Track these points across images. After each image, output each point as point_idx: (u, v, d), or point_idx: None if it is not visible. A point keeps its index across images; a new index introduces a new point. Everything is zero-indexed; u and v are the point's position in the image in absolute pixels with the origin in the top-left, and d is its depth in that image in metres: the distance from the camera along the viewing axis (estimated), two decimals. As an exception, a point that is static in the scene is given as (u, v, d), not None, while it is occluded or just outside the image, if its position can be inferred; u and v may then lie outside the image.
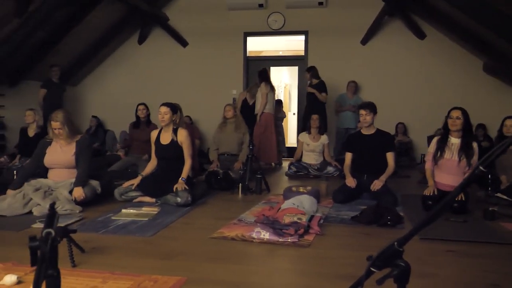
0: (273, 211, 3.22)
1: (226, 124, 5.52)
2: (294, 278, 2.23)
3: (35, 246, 1.03)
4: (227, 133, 5.45)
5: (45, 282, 1.05)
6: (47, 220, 1.05)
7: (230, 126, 5.48)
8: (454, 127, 3.71)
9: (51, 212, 1.07)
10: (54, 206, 3.24)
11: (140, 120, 5.76)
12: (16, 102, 7.29)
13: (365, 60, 7.79)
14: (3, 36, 6.15)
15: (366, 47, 7.82)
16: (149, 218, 3.32)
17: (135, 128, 5.80)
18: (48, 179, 3.78)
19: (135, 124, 5.82)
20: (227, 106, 5.61)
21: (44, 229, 1.04)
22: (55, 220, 1.06)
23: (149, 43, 8.55)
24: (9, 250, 2.58)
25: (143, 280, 2.10)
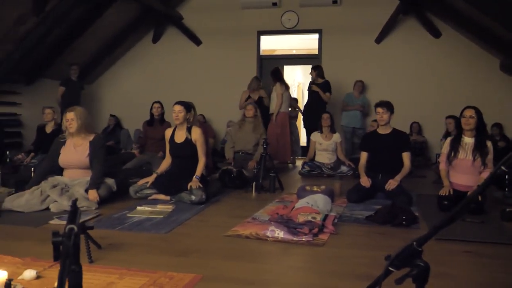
0: (287, 210, 3.22)
1: (244, 122, 5.52)
2: (308, 276, 2.23)
3: (58, 241, 1.05)
4: (245, 132, 5.46)
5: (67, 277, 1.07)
6: (69, 216, 1.07)
7: (249, 125, 5.47)
8: (467, 126, 3.68)
9: (73, 209, 1.09)
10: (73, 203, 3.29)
11: (154, 118, 5.80)
12: (33, 100, 7.40)
13: (379, 59, 7.73)
14: (20, 35, 6.25)
15: (380, 46, 7.76)
16: (164, 215, 3.35)
17: (149, 126, 5.85)
18: (64, 177, 3.83)
19: (149, 122, 5.87)
20: (249, 105, 5.60)
21: (67, 225, 1.06)
22: (78, 216, 1.08)
23: (163, 42, 8.60)
24: (28, 245, 2.63)
25: (159, 276, 2.12)
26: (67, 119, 3.77)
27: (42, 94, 7.48)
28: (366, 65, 7.74)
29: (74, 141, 3.83)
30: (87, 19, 7.14)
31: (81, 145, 3.80)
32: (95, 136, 3.88)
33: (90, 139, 3.82)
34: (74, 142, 3.83)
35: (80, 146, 3.80)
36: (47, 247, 2.54)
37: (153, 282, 2.05)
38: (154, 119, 5.81)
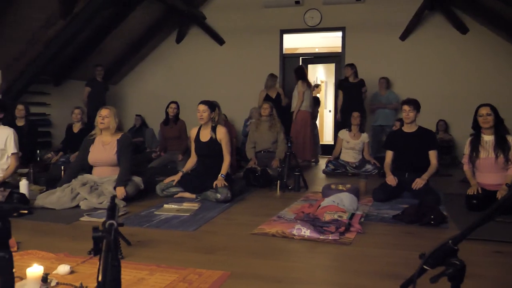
0: (313, 208, 3.22)
1: (261, 122, 5.53)
2: (336, 275, 2.23)
3: (98, 236, 1.08)
4: (262, 131, 5.47)
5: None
6: (109, 212, 1.11)
7: (265, 124, 5.48)
8: (486, 124, 3.61)
9: (112, 205, 1.12)
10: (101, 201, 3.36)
11: (169, 118, 5.89)
12: (61, 101, 7.59)
13: (404, 56, 7.62)
14: (49, 37, 6.40)
15: (405, 42, 7.65)
16: (190, 213, 3.39)
17: (165, 126, 5.96)
18: (93, 175, 3.92)
19: (165, 122, 5.98)
20: (265, 104, 5.62)
21: (106, 220, 1.10)
22: (116, 212, 1.11)
23: (186, 42, 8.68)
24: (61, 241, 2.71)
25: (188, 273, 2.15)
26: (101, 115, 3.87)
27: (70, 95, 7.66)
28: (390, 63, 7.64)
29: (102, 139, 3.93)
30: (112, 21, 7.27)
31: (109, 143, 3.89)
32: (123, 135, 3.97)
33: (117, 138, 3.91)
34: (102, 140, 3.92)
35: (108, 144, 3.89)
36: (79, 243, 2.63)
37: (183, 279, 2.08)
38: (169, 118, 5.90)
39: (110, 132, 3.92)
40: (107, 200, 3.56)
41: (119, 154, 3.86)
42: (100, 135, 3.95)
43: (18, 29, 6.12)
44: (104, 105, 6.68)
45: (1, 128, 3.69)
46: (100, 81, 7.54)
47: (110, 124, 3.88)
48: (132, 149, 4.06)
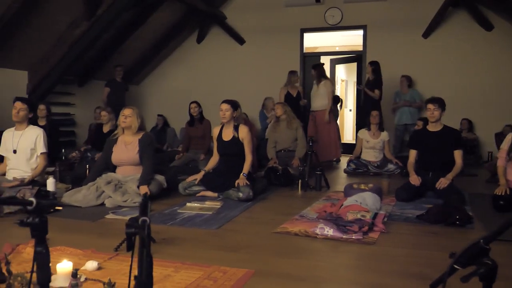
0: (335, 207, 3.20)
1: (278, 122, 5.53)
2: (360, 274, 2.21)
3: (131, 232, 1.11)
4: (281, 131, 5.46)
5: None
6: (141, 209, 1.13)
7: (283, 123, 5.47)
8: None
9: (145, 202, 1.15)
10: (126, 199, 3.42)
11: (194, 118, 5.94)
12: (85, 101, 7.74)
13: (427, 54, 7.50)
14: (74, 39, 6.53)
15: (428, 40, 7.53)
16: (212, 212, 3.42)
17: (190, 126, 6.01)
18: (117, 174, 3.99)
19: (189, 122, 6.02)
20: (276, 105, 5.63)
21: (139, 217, 1.12)
22: (148, 209, 1.13)
23: (207, 42, 8.74)
24: (88, 238, 2.77)
25: (212, 270, 2.17)
26: (124, 114, 3.94)
27: (93, 95, 7.80)
28: (413, 61, 7.53)
29: (125, 139, 3.99)
30: (135, 22, 7.38)
31: (131, 143, 3.96)
32: (144, 134, 4.03)
33: (139, 137, 3.97)
34: (125, 140, 3.99)
35: (130, 144, 3.96)
36: (106, 240, 2.68)
37: (208, 276, 2.11)
38: (194, 118, 5.95)
39: (132, 131, 3.98)
40: (131, 199, 3.63)
41: (141, 153, 3.92)
42: (123, 135, 4.02)
43: (45, 31, 6.27)
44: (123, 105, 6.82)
45: (31, 128, 3.79)
46: (119, 81, 7.64)
47: (132, 124, 3.94)
48: (154, 148, 4.12)
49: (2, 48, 6.04)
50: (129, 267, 2.21)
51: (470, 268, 1.14)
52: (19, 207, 3.28)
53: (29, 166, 3.73)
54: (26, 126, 3.79)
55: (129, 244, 1.13)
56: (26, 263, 2.28)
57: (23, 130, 3.77)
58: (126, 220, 3.04)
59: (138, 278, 0.96)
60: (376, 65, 6.70)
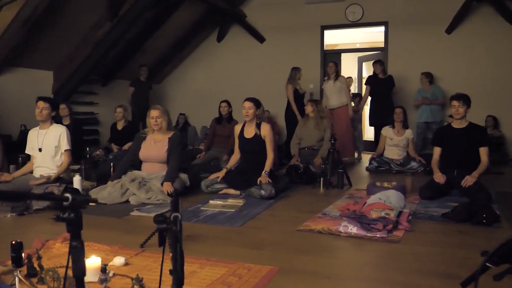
0: (359, 205, 3.19)
1: (308, 119, 5.51)
2: (386, 273, 2.20)
3: (163, 228, 1.13)
4: (308, 128, 5.44)
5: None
6: (173, 205, 1.16)
7: (312, 122, 5.45)
8: None
9: (176, 199, 1.17)
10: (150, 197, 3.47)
11: (222, 117, 5.97)
12: (108, 100, 7.86)
13: (450, 50, 7.36)
14: (97, 39, 6.64)
15: (451, 36, 7.38)
16: (235, 209, 3.44)
17: (217, 124, 6.04)
18: (141, 171, 4.06)
19: (217, 120, 6.05)
20: (308, 102, 5.60)
21: (172, 213, 1.14)
22: (180, 205, 1.15)
23: (227, 40, 8.77)
24: (114, 234, 2.82)
25: (237, 267, 2.19)
26: (153, 116, 4.00)
27: (116, 94, 7.92)
28: (435, 57, 7.40)
29: (154, 137, 4.07)
30: (156, 21, 7.46)
31: (160, 141, 4.03)
32: (174, 133, 4.10)
33: (169, 136, 4.03)
34: (154, 138, 4.07)
35: (160, 142, 4.02)
36: (131, 236, 2.73)
37: (233, 272, 2.12)
38: (223, 117, 5.98)
39: (163, 130, 4.06)
40: (154, 196, 3.68)
41: (169, 152, 3.98)
42: (152, 134, 4.09)
43: (69, 32, 6.41)
44: (147, 104, 6.91)
45: (54, 126, 3.87)
46: (143, 80, 7.74)
47: (163, 124, 4.03)
48: (181, 147, 4.18)
49: (28, 49, 6.19)
50: (155, 263, 2.26)
51: (502, 266, 1.13)
52: (47, 204, 3.37)
53: (54, 163, 3.82)
54: (50, 125, 3.87)
55: (160, 240, 1.16)
56: (56, 258, 2.34)
57: (47, 128, 3.85)
58: (150, 217, 3.09)
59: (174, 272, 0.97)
60: (383, 64, 6.73)
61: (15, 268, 1.88)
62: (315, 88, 8.06)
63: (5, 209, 3.27)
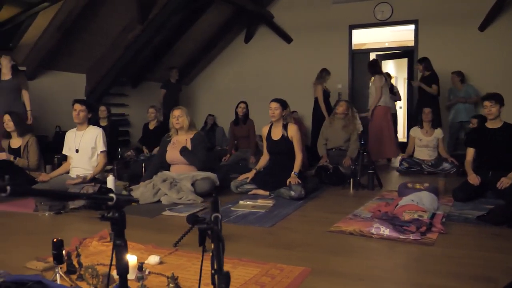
0: (390, 207, 3.14)
1: (335, 119, 5.46)
2: (419, 275, 2.16)
3: (204, 228, 1.16)
4: (335, 129, 5.38)
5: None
6: (213, 206, 1.18)
7: (339, 122, 5.38)
8: None
9: (215, 199, 1.19)
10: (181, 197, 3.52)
11: (239, 117, 6.01)
12: (138, 102, 8.02)
13: (483, 47, 7.16)
14: (128, 42, 6.79)
15: (484, 33, 7.19)
16: (265, 210, 3.45)
17: (235, 126, 6.09)
18: (171, 172, 4.13)
19: (235, 121, 6.10)
20: (341, 102, 5.54)
21: (212, 213, 1.17)
22: (219, 206, 1.18)
23: (255, 41, 8.81)
24: (147, 233, 2.88)
25: (269, 268, 2.20)
26: (175, 116, 4.10)
27: (146, 96, 8.07)
28: (468, 55, 7.22)
29: (178, 139, 4.13)
30: (185, 24, 7.57)
31: (183, 142, 4.09)
32: (195, 133, 4.19)
33: (191, 136, 4.10)
34: (178, 140, 4.12)
35: (184, 143, 4.09)
36: (164, 235, 2.79)
37: (265, 273, 2.14)
38: (239, 118, 6.01)
39: (185, 130, 4.16)
40: (185, 196, 3.74)
41: (193, 151, 4.04)
42: (176, 136, 4.16)
43: (101, 36, 6.58)
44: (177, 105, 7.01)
45: (91, 128, 3.98)
46: (174, 82, 7.86)
47: (184, 123, 4.14)
48: (206, 146, 4.25)
49: (62, 53, 6.39)
50: (189, 262, 2.30)
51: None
52: (83, 203, 3.47)
53: (90, 164, 3.92)
54: (87, 127, 3.99)
55: (201, 239, 1.18)
56: (93, 256, 2.41)
57: (84, 130, 3.97)
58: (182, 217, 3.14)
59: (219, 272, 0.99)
60: (427, 61, 6.51)
61: (56, 265, 1.96)
62: (343, 88, 8.00)
63: (44, 207, 3.39)
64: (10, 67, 5.27)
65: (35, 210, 3.46)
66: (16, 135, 4.37)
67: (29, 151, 4.21)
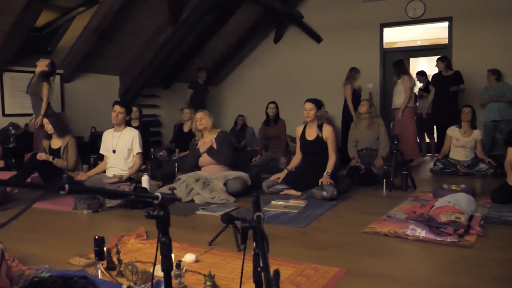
0: (426, 208, 3.08)
1: (360, 120, 5.39)
2: (457, 278, 2.12)
3: (247, 227, 1.18)
4: (361, 130, 5.30)
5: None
6: (254, 205, 1.20)
7: (364, 122, 5.30)
8: None
9: (257, 199, 1.21)
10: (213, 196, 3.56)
11: (270, 118, 6.02)
12: (169, 102, 8.17)
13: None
14: (159, 44, 6.93)
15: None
16: (297, 210, 3.45)
17: (266, 126, 6.10)
18: (204, 172, 4.19)
19: (266, 122, 6.11)
20: (363, 101, 5.48)
21: (254, 212, 1.19)
22: (261, 205, 1.19)
23: (284, 41, 8.81)
24: (182, 232, 2.93)
25: (304, 268, 2.21)
26: (198, 118, 4.21)
27: (176, 97, 8.20)
28: (504, 53, 6.99)
29: (204, 141, 4.21)
30: (215, 25, 7.64)
31: (208, 143, 4.16)
32: (219, 132, 4.27)
33: (214, 137, 4.20)
34: (204, 142, 4.20)
35: (208, 144, 4.18)
36: (199, 234, 2.83)
37: (300, 273, 2.14)
38: (270, 118, 6.02)
39: (208, 130, 4.25)
40: (218, 196, 3.79)
41: (219, 150, 4.10)
42: (202, 138, 4.24)
43: (133, 38, 6.73)
44: (204, 107, 7.12)
45: (128, 129, 4.08)
46: (201, 83, 7.94)
47: (207, 124, 4.24)
48: (230, 143, 4.37)
49: (97, 56, 6.57)
50: (224, 260, 2.33)
51: None
52: (119, 202, 3.57)
53: (126, 164, 4.02)
54: (124, 128, 4.09)
55: (243, 238, 1.20)
56: (131, 253, 2.48)
57: (121, 131, 4.07)
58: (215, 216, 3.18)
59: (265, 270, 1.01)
60: (448, 60, 6.47)
61: (97, 261, 2.02)
62: (374, 88, 7.90)
63: (82, 206, 3.50)
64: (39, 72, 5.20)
65: (74, 208, 3.58)
66: (56, 136, 4.53)
67: (68, 152, 4.35)
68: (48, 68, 5.21)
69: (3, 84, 5.85)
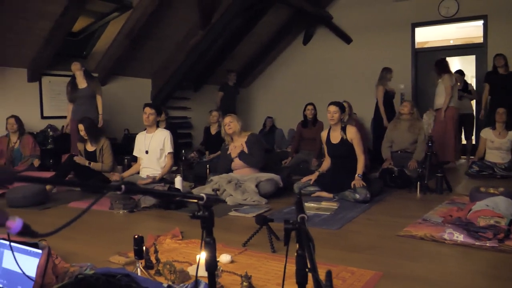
0: (463, 212, 3.02)
1: (400, 121, 5.30)
2: (498, 284, 2.07)
3: (290, 228, 1.19)
4: (400, 131, 5.22)
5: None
6: (297, 207, 1.21)
7: (404, 123, 5.22)
8: None
9: (299, 200, 1.22)
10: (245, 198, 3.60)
11: (308, 120, 6.00)
12: (199, 105, 8.27)
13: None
14: (190, 47, 7.03)
15: None
16: (330, 212, 3.44)
17: (303, 127, 6.08)
18: (236, 174, 4.22)
19: (303, 123, 6.09)
20: (405, 102, 5.38)
21: (297, 214, 1.20)
22: (303, 206, 1.20)
23: (313, 42, 8.77)
24: (215, 233, 2.89)
25: (340, 270, 2.20)
26: (226, 123, 4.23)
27: (207, 99, 8.30)
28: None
29: (234, 145, 4.27)
30: (245, 27, 7.70)
31: (239, 147, 4.19)
32: (249, 135, 4.28)
33: (244, 140, 4.21)
34: (234, 146, 4.25)
35: (239, 148, 4.22)
36: (232, 235, 2.86)
37: (336, 275, 2.13)
38: (308, 120, 6.00)
39: (237, 134, 4.27)
40: (250, 197, 3.81)
41: (250, 153, 4.12)
42: (232, 142, 4.27)
43: (165, 41, 6.86)
44: (234, 108, 7.18)
45: (159, 130, 4.17)
46: (231, 85, 8.01)
47: (236, 128, 4.26)
48: (262, 145, 4.38)
49: (131, 59, 6.72)
50: (258, 262, 2.34)
51: None
52: (153, 203, 3.64)
53: (159, 165, 4.11)
54: (156, 129, 4.17)
55: (286, 239, 1.21)
56: (168, 252, 2.52)
57: (153, 132, 4.16)
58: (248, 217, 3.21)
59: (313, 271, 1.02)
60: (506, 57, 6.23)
61: (137, 260, 2.07)
62: (405, 89, 7.77)
63: (118, 206, 3.59)
64: (83, 75, 5.48)
65: (110, 208, 3.68)
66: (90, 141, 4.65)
67: (104, 154, 4.47)
68: (84, 68, 5.45)
69: (41, 88, 6.07)
